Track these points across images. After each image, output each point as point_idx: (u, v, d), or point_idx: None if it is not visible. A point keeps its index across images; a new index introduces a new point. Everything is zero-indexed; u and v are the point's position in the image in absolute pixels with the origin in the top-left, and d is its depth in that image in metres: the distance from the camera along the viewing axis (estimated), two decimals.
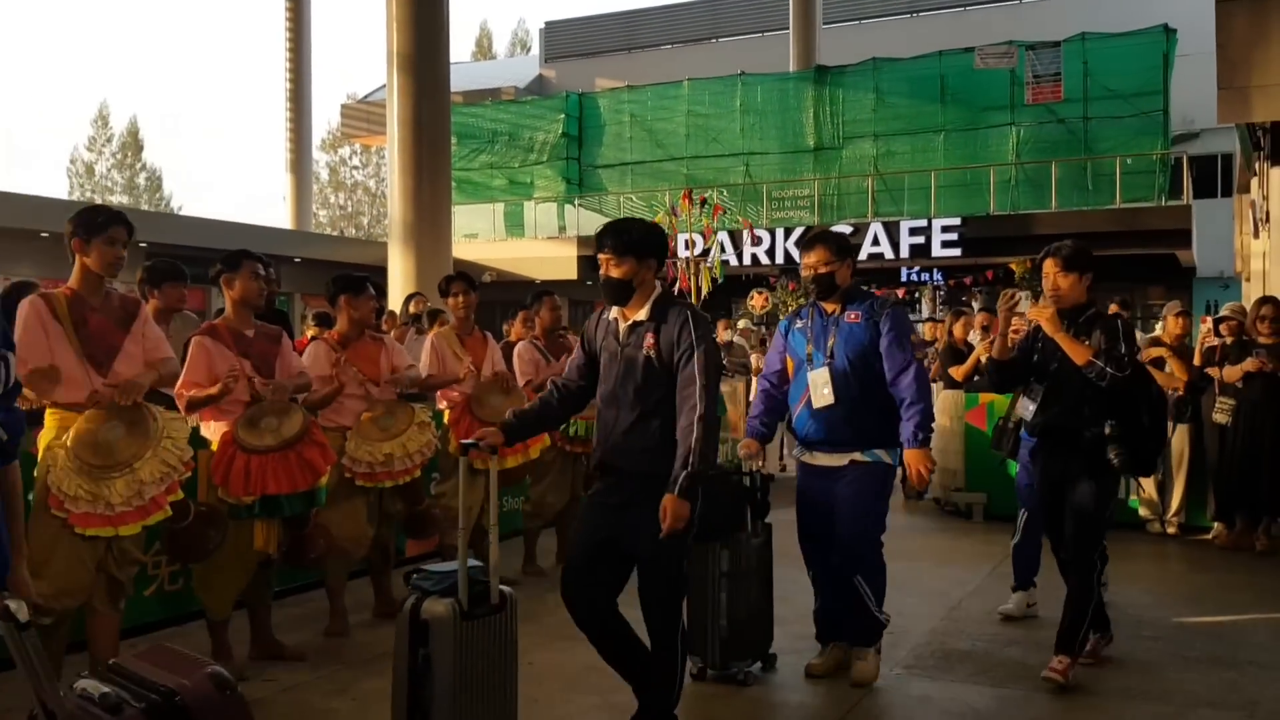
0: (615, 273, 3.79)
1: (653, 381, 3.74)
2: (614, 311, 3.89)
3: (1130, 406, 4.48)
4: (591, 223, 25.63)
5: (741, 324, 15.00)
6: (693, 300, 10.42)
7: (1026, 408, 4.77)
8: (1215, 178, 25.00)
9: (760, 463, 4.80)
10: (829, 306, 4.64)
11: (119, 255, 4.10)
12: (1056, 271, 4.59)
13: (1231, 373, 7.38)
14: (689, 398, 3.65)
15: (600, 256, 3.82)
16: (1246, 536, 7.47)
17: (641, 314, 3.80)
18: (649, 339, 3.74)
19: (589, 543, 3.83)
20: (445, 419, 6.24)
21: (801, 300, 22.86)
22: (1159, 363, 7.73)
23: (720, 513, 4.37)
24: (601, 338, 3.91)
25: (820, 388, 4.52)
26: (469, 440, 3.88)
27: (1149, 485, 7.92)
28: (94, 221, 4.07)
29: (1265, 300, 7.73)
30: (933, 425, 4.50)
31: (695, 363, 3.67)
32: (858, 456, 4.52)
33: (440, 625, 3.54)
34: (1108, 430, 4.43)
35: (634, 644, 3.82)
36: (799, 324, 4.72)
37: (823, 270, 4.60)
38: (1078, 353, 4.46)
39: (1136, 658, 5.02)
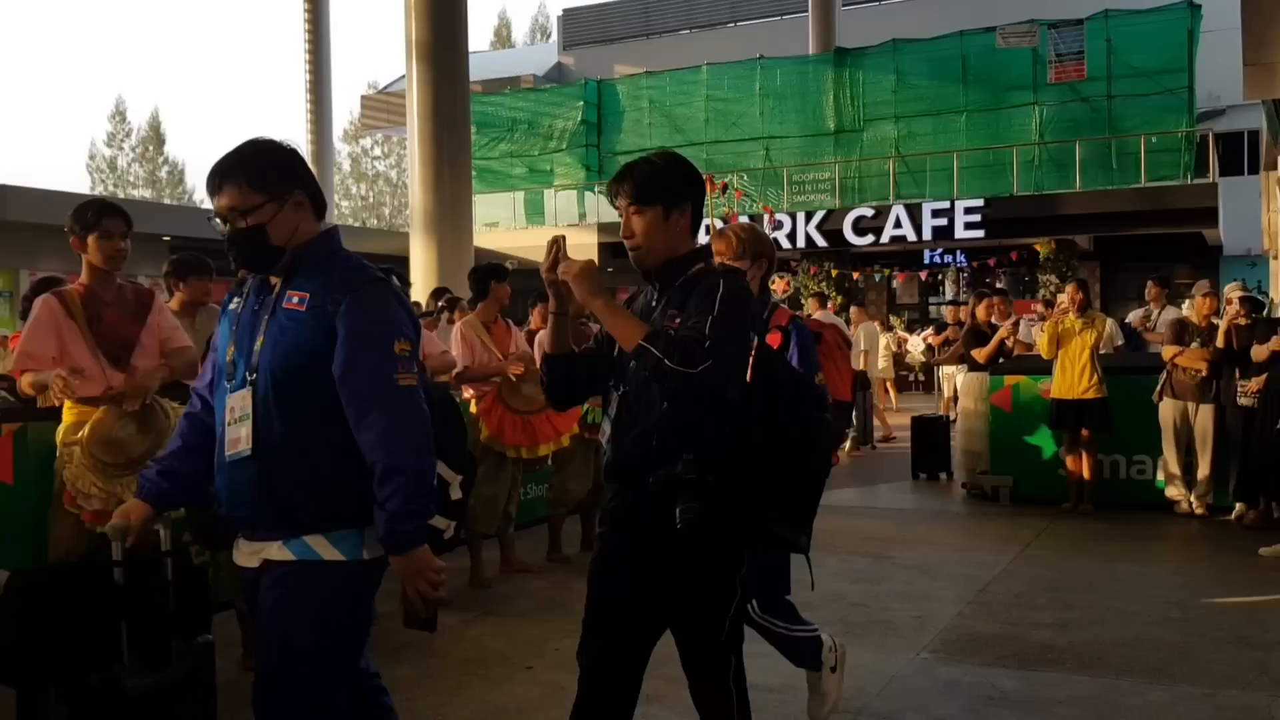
0: None
1: None
2: None
3: (728, 429, 2.68)
4: (612, 210, 25.46)
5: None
6: None
7: (603, 431, 2.93)
8: (1242, 155, 24.72)
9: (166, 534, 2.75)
10: (273, 279, 2.59)
11: (118, 248, 4.06)
12: (627, 208, 2.86)
13: (1259, 352, 7.34)
14: None
15: None
16: (1270, 516, 7.43)
17: None
18: None
19: None
20: (473, 408, 6.26)
21: (823, 285, 22.94)
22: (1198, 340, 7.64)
23: (43, 632, 2.52)
24: None
25: (237, 423, 2.51)
26: None
27: (1173, 464, 7.87)
28: (84, 217, 4.04)
29: None
30: (429, 507, 2.48)
31: None
32: (276, 551, 2.49)
33: None
34: (682, 470, 2.62)
35: None
36: (234, 303, 2.69)
37: (242, 224, 2.50)
38: (625, 332, 2.66)
39: (1164, 638, 4.99)
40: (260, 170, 2.50)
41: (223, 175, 2.49)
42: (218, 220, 2.52)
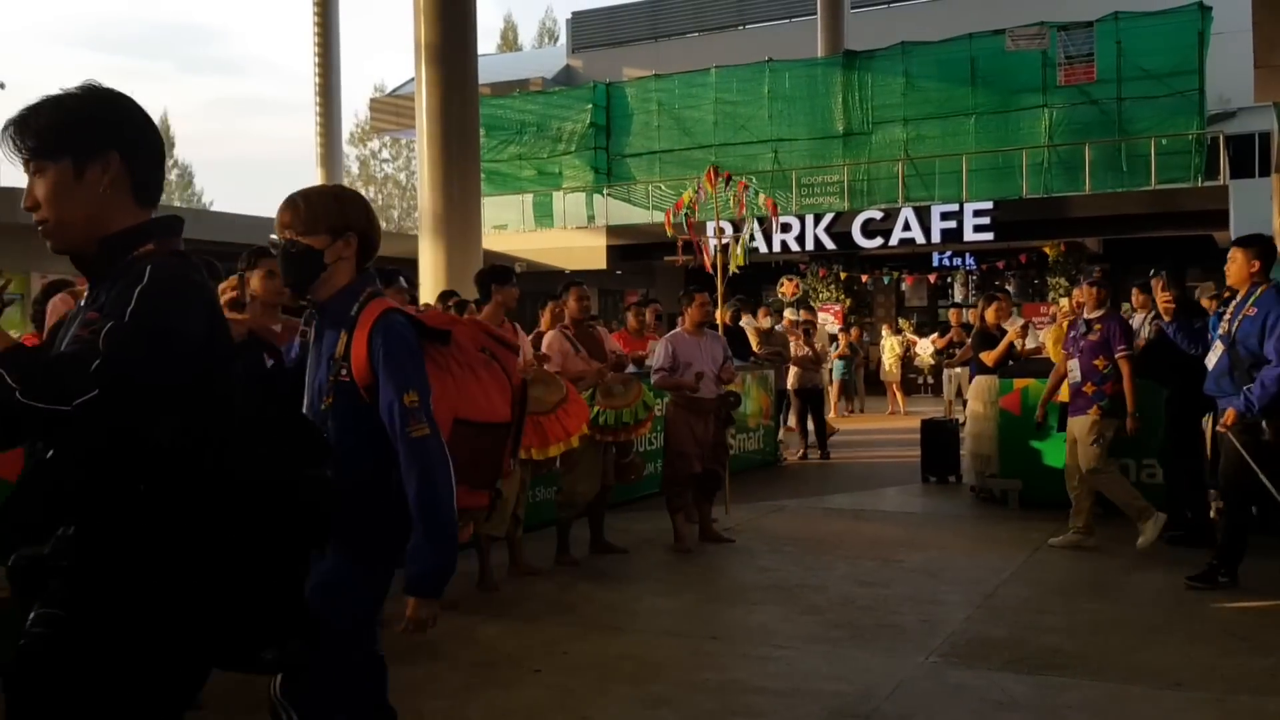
0: None
1: None
2: None
3: (143, 490, 1.80)
4: (620, 212, 25.64)
5: (788, 313, 14.97)
6: (718, 284, 10.24)
7: None
8: (1253, 157, 24.60)
9: None
10: None
11: None
12: (26, 165, 1.99)
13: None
14: None
15: None
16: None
17: None
18: None
19: None
20: None
21: (833, 286, 22.91)
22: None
23: None
24: None
25: None
26: None
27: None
28: None
29: None
30: None
31: None
32: None
33: None
34: (51, 552, 1.81)
35: None
36: None
37: None
38: None
39: (1174, 643, 4.97)
40: None
41: None
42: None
